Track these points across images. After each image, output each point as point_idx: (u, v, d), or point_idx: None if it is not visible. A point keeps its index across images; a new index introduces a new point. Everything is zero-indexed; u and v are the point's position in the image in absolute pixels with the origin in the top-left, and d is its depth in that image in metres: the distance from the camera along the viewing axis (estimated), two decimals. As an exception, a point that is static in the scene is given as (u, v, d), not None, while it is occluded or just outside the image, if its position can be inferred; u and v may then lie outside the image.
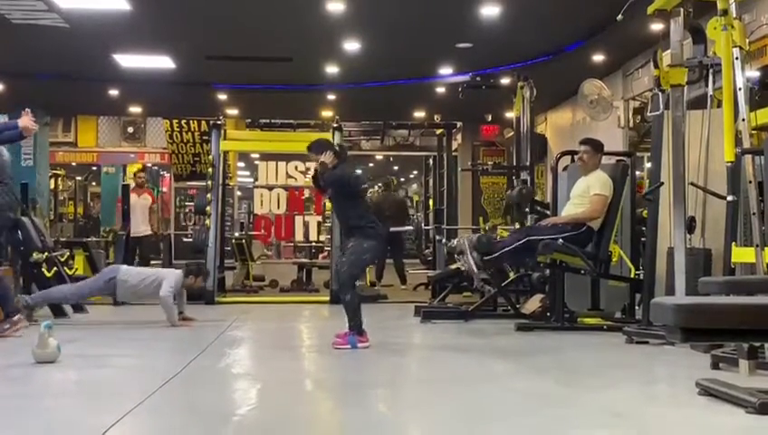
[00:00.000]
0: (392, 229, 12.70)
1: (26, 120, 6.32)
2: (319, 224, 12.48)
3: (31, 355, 5.12)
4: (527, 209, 8.83)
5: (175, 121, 17.26)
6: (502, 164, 16.22)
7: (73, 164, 18.89)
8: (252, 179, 17.26)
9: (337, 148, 6.55)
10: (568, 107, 14.21)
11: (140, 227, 11.76)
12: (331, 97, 14.58)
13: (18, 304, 7.26)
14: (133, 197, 11.80)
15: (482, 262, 7.19)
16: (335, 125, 10.70)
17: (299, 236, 12.33)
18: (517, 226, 8.91)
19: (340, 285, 6.24)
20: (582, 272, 7.16)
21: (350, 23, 10.05)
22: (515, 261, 7.71)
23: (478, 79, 10.65)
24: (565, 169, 8.20)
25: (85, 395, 4.51)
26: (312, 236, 12.51)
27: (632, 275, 7.25)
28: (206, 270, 8.79)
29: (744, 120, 5.44)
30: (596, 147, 7.33)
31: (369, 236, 6.19)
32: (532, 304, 8.06)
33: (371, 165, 27.69)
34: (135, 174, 13.14)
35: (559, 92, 13.42)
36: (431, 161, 19.82)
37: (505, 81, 10.12)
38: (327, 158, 6.23)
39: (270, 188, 11.97)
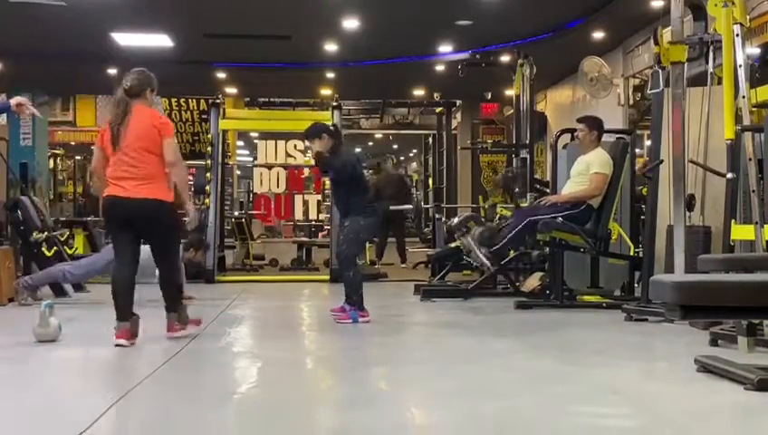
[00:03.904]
0: (392, 208, 12.72)
1: (20, 99, 6.29)
2: (318, 203, 12.49)
3: (32, 334, 5.14)
4: (517, 189, 8.81)
5: (173, 100, 17.22)
6: (501, 142, 16.19)
7: (72, 143, 18.86)
8: (251, 158, 17.25)
9: (332, 129, 6.64)
10: (568, 85, 14.17)
11: None
12: (331, 75, 14.53)
13: (18, 286, 7.28)
14: None
15: (491, 254, 7.29)
16: (334, 104, 10.68)
17: (298, 215, 12.34)
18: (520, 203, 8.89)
19: (342, 263, 6.41)
20: (582, 250, 7.17)
21: (348, 0, 10.00)
22: (519, 243, 7.68)
23: (478, 57, 10.60)
24: (565, 147, 8.19)
25: (87, 374, 4.54)
26: (312, 214, 12.51)
27: (631, 253, 7.26)
28: (207, 243, 8.81)
29: (744, 97, 5.43)
30: (592, 124, 7.28)
31: (367, 215, 6.35)
32: (532, 281, 8.07)
33: (371, 144, 27.64)
34: None
35: (559, 70, 13.38)
36: (430, 140, 19.77)
37: (505, 58, 10.07)
38: (323, 145, 6.39)
39: (269, 167, 11.97)
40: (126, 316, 4.98)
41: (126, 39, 11.82)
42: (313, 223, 13.15)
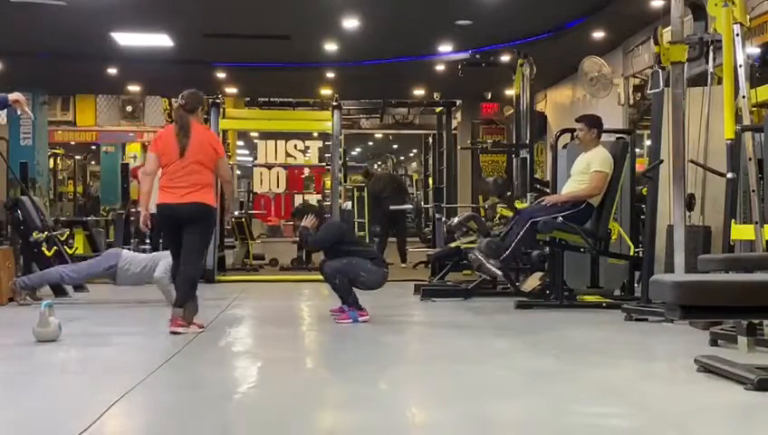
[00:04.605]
0: (392, 208, 12.73)
1: (18, 95, 6.29)
2: (319, 202, 12.47)
3: (32, 334, 5.14)
4: (509, 193, 8.79)
5: (174, 100, 17.22)
6: (501, 142, 16.19)
7: (72, 143, 18.85)
8: (251, 158, 17.24)
9: (316, 208, 7.21)
10: (568, 84, 14.16)
11: None
12: (330, 75, 14.52)
13: (14, 286, 7.26)
14: None
15: (501, 264, 7.27)
16: (334, 104, 10.67)
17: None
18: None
19: (327, 276, 6.38)
20: (582, 250, 7.16)
21: (348, 0, 9.99)
22: (527, 246, 7.57)
23: (478, 56, 10.59)
24: (565, 146, 8.18)
25: (87, 373, 4.53)
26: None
27: (631, 253, 7.25)
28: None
29: (744, 97, 5.44)
30: (591, 122, 7.26)
31: (375, 264, 6.45)
32: (532, 281, 8.07)
33: (371, 143, 27.63)
34: None
35: (559, 70, 13.37)
36: (430, 140, 19.78)
37: (505, 58, 10.07)
38: (308, 222, 6.56)
39: (269, 167, 11.97)
40: (181, 304, 5.63)
41: (126, 39, 11.81)
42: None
